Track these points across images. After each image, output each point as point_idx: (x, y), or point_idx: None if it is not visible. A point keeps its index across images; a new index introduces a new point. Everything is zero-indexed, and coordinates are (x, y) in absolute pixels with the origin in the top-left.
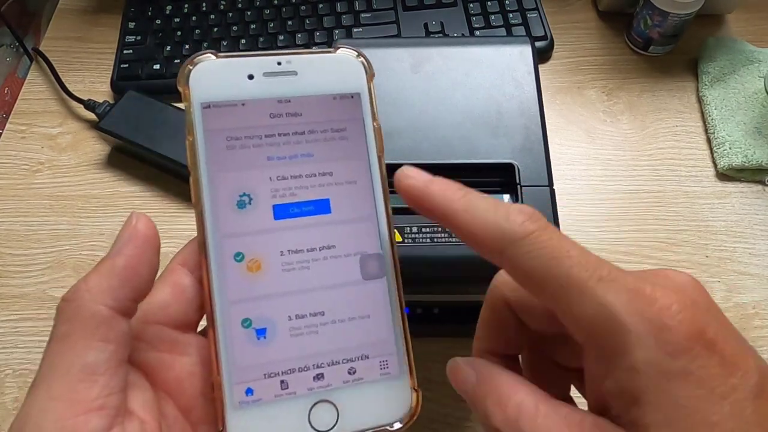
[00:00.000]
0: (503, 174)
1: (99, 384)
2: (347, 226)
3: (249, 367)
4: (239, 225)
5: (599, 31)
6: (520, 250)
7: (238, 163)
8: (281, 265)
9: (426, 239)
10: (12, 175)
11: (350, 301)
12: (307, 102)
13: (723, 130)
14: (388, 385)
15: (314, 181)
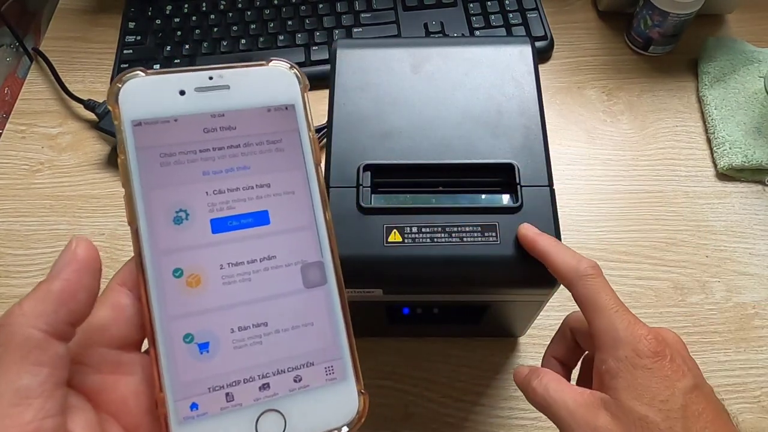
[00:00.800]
0: (503, 174)
1: (33, 407)
2: (287, 236)
3: (193, 381)
4: (177, 241)
5: (599, 31)
6: (582, 282)
7: (172, 179)
8: (221, 279)
9: (426, 239)
10: (12, 175)
11: (293, 309)
12: (240, 115)
13: (723, 130)
14: (335, 390)
15: (252, 193)
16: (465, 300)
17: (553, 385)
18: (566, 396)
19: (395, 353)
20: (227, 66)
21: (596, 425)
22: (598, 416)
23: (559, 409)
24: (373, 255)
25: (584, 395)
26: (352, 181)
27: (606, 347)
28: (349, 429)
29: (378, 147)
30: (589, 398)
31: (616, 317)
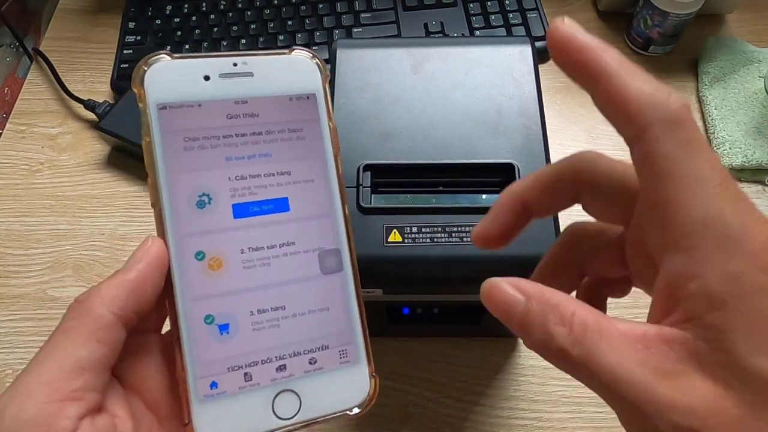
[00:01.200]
0: (503, 174)
1: (83, 378)
2: (306, 223)
3: (213, 361)
4: (199, 224)
5: (599, 31)
6: (666, 133)
7: (196, 163)
8: (242, 263)
9: (426, 239)
10: (12, 175)
11: (310, 294)
12: (263, 102)
13: (723, 130)
14: (348, 373)
15: (273, 180)
16: (465, 300)
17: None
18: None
19: (395, 353)
20: (251, 53)
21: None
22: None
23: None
24: (373, 255)
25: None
26: (352, 181)
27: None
28: (360, 410)
29: (378, 147)
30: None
31: (727, 200)
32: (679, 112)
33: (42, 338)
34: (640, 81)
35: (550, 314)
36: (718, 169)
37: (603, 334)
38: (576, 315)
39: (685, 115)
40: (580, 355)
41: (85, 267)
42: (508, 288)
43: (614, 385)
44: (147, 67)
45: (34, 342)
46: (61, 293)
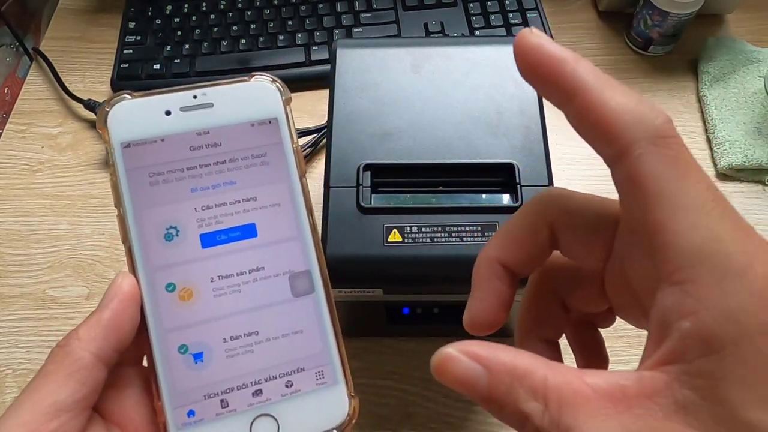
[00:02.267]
0: (503, 174)
1: (60, 420)
2: (274, 247)
3: (189, 390)
4: (168, 257)
5: (599, 31)
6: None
7: (162, 197)
8: (213, 291)
9: (426, 239)
10: (12, 175)
11: (283, 318)
12: (225, 131)
13: (723, 130)
14: (325, 395)
15: (239, 207)
16: (465, 300)
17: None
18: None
19: (395, 353)
20: (210, 84)
21: None
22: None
23: None
24: (373, 255)
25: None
26: (352, 181)
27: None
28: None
29: (378, 147)
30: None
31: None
32: (664, 128)
33: (42, 338)
34: (620, 95)
35: (520, 388)
36: (711, 189)
37: (580, 404)
38: (548, 385)
39: (671, 131)
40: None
41: (85, 267)
42: (463, 360)
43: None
44: (109, 108)
45: (33, 342)
46: (61, 293)
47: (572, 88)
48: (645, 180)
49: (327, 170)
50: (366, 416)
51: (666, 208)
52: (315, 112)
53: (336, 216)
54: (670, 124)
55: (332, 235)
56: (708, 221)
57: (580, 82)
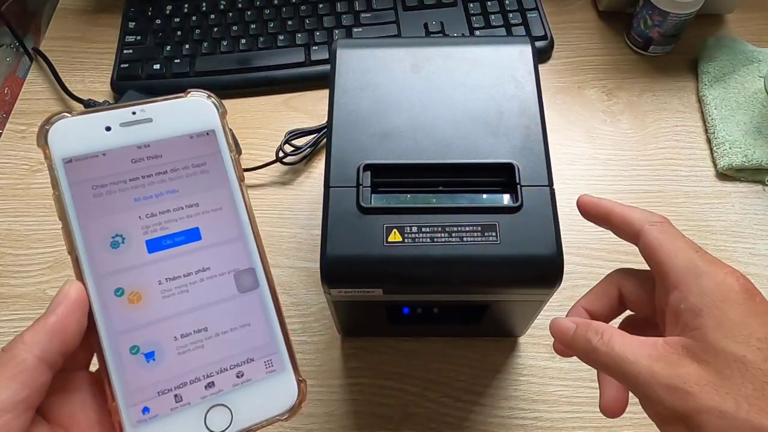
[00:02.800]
0: (503, 174)
1: (3, 419)
2: (218, 248)
3: (142, 388)
4: (115, 263)
5: (599, 31)
6: (654, 228)
7: (106, 208)
8: (161, 293)
9: (426, 239)
10: (12, 175)
11: (230, 313)
12: (165, 144)
13: (723, 130)
14: (275, 381)
15: (182, 213)
16: (465, 300)
17: (618, 340)
18: (638, 351)
19: (395, 353)
20: (149, 101)
21: (681, 375)
22: (680, 365)
23: (631, 368)
24: (373, 255)
25: (659, 347)
26: (352, 181)
27: (686, 282)
28: (290, 414)
29: (378, 147)
30: (665, 349)
31: (697, 256)
32: (657, 217)
33: None
34: (633, 209)
35: (589, 330)
36: (689, 242)
37: (624, 339)
38: (606, 330)
39: (662, 219)
40: (607, 351)
41: None
42: (564, 320)
43: (628, 368)
44: (49, 126)
45: None
46: None
47: (609, 213)
48: (651, 242)
49: (327, 170)
50: (366, 416)
51: (664, 253)
52: (315, 112)
53: (336, 216)
54: (662, 217)
55: (332, 235)
56: (686, 254)
57: (612, 209)
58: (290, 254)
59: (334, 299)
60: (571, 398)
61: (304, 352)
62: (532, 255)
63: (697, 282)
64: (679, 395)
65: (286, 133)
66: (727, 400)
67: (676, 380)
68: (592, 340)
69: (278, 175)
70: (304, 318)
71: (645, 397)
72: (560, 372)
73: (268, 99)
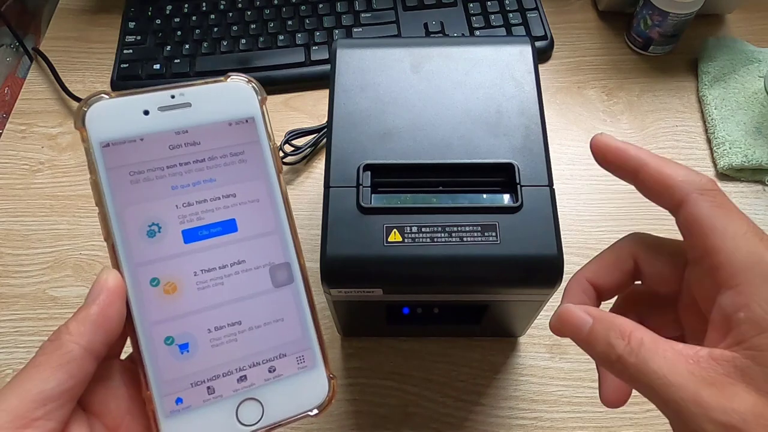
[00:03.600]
0: (503, 174)
1: (46, 408)
2: (254, 241)
3: (176, 379)
4: (151, 253)
5: (599, 31)
6: (701, 198)
7: (143, 195)
8: (196, 285)
9: (426, 239)
10: (12, 175)
11: (264, 307)
12: (203, 131)
13: (723, 130)
14: (306, 377)
15: (219, 203)
16: (465, 300)
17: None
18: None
19: (395, 353)
20: (188, 84)
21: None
22: (735, 394)
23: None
24: (373, 255)
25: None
26: (352, 181)
27: (749, 285)
28: (320, 410)
29: (378, 147)
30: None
31: (764, 246)
32: (709, 184)
33: (42, 338)
34: (674, 166)
35: (612, 330)
36: (748, 222)
37: (658, 347)
38: (633, 332)
39: (714, 186)
40: (636, 364)
41: (85, 267)
42: (577, 310)
43: (665, 389)
44: (87, 108)
45: (33, 342)
46: (61, 293)
47: (638, 164)
48: (701, 219)
49: (327, 170)
50: (366, 416)
51: (718, 237)
52: (315, 112)
53: (336, 216)
54: (713, 182)
55: (332, 235)
56: (748, 243)
57: (644, 159)
58: None
59: (334, 299)
60: (571, 398)
61: None
62: (532, 255)
63: (766, 287)
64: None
65: (286, 133)
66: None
67: (731, 416)
68: (616, 346)
69: None
70: None
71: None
72: (560, 372)
73: (268, 99)
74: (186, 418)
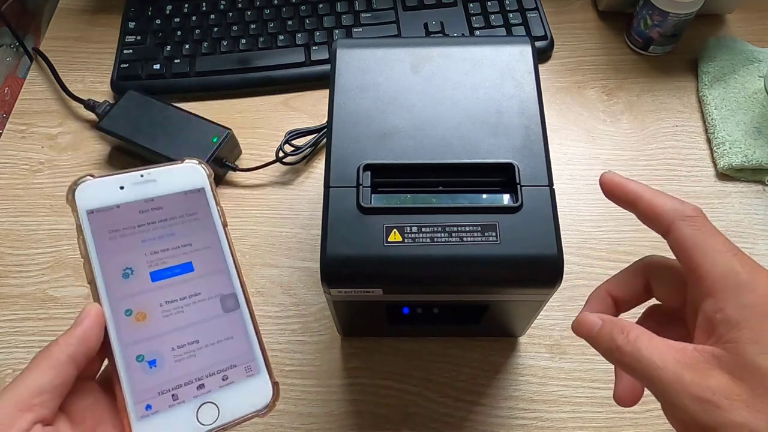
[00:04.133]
0: (503, 174)
1: (42, 398)
2: (207, 278)
3: (146, 389)
4: (126, 290)
5: (599, 31)
6: (686, 224)
7: (119, 247)
8: (162, 313)
9: (426, 239)
10: (12, 175)
11: (216, 329)
12: (165, 199)
13: (723, 130)
14: (254, 383)
15: (178, 251)
16: (465, 300)
17: (645, 341)
18: (665, 355)
19: (395, 353)
20: (154, 166)
21: (711, 387)
22: (711, 375)
23: (657, 373)
24: (373, 255)
25: (688, 352)
26: (352, 181)
27: (723, 292)
28: (267, 410)
29: (378, 147)
30: (695, 356)
31: (736, 260)
32: (692, 212)
33: (42, 338)
34: (664, 197)
35: (614, 328)
36: (726, 242)
37: (651, 341)
38: (632, 329)
39: (696, 213)
40: (632, 352)
41: None
42: (591, 315)
43: (654, 372)
44: (75, 186)
45: (34, 342)
46: (61, 293)
47: (636, 198)
48: (684, 240)
49: (327, 170)
50: (366, 416)
51: (699, 254)
52: (315, 112)
53: (336, 216)
54: (696, 209)
55: (332, 235)
56: (726, 259)
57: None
58: (290, 254)
59: (334, 299)
60: (571, 398)
61: (304, 352)
62: (532, 255)
63: (736, 293)
64: (707, 407)
65: (286, 133)
66: (759, 418)
67: (705, 392)
68: (617, 339)
69: (278, 175)
70: (304, 318)
71: (669, 404)
72: (560, 372)
73: (268, 99)
74: (154, 421)
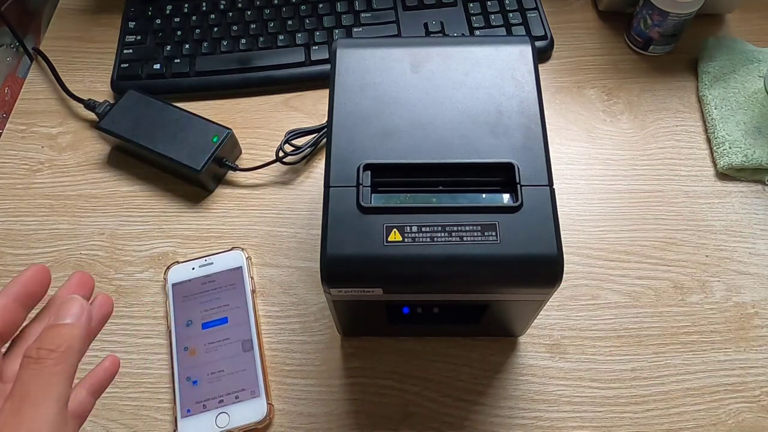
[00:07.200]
0: (503, 174)
1: None
2: (235, 327)
3: (188, 399)
4: (186, 334)
5: (599, 30)
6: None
7: (186, 307)
8: (204, 350)
9: (426, 238)
10: (12, 175)
11: (237, 363)
12: (218, 275)
13: (723, 130)
14: (256, 402)
15: (220, 309)
16: (465, 300)
17: None
18: None
19: (395, 353)
20: (214, 253)
21: None
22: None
23: None
24: (373, 254)
25: None
26: (352, 181)
27: None
28: (262, 423)
29: (378, 146)
30: None
31: None
32: None
33: None
34: None
35: None
36: None
37: None
38: None
39: None
40: None
41: (85, 267)
42: None
43: None
44: (168, 269)
45: None
46: None
47: None
48: None
49: (327, 170)
50: (366, 416)
51: None
52: (315, 112)
53: (336, 216)
54: None
55: (332, 234)
56: None
57: None
58: (290, 254)
59: (334, 299)
60: (571, 398)
61: (304, 352)
62: (532, 255)
63: None
64: None
65: (286, 132)
66: None
67: None
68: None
69: (278, 174)
70: (304, 318)
71: None
72: (560, 372)
73: (268, 99)
74: (191, 420)
